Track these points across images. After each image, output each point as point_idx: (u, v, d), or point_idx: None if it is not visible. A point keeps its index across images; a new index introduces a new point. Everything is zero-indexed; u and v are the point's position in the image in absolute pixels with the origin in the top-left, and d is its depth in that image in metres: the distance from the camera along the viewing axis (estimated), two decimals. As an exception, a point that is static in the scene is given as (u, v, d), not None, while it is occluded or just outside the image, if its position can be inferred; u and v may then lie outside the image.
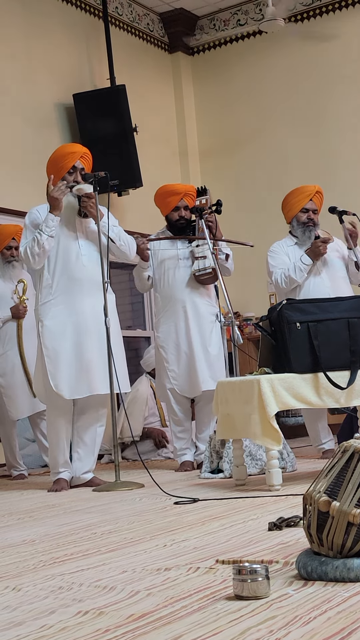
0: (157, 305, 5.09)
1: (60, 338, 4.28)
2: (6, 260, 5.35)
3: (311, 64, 7.74)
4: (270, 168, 7.89)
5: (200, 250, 4.86)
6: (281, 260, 4.93)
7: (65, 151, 4.45)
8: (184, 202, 5.02)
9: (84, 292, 4.32)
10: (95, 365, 4.26)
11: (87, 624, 1.57)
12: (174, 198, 5.01)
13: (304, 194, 4.96)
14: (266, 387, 3.54)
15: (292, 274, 4.82)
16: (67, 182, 4.35)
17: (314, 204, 4.95)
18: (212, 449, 4.43)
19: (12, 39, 6.62)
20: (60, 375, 4.24)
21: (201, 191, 5.12)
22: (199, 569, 1.99)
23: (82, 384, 4.26)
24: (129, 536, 2.59)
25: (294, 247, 4.96)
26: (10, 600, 1.84)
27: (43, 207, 4.41)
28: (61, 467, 4.33)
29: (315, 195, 4.97)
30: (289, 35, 7.74)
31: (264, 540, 2.32)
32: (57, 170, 4.38)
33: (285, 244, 5.01)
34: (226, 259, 5.03)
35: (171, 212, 5.04)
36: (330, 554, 1.75)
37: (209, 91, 8.35)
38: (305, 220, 4.92)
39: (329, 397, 3.68)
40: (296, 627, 1.42)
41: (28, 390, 5.20)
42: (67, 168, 4.37)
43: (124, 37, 7.79)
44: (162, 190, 5.10)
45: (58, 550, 2.45)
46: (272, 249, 5.01)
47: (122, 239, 4.44)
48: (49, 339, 4.28)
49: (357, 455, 1.78)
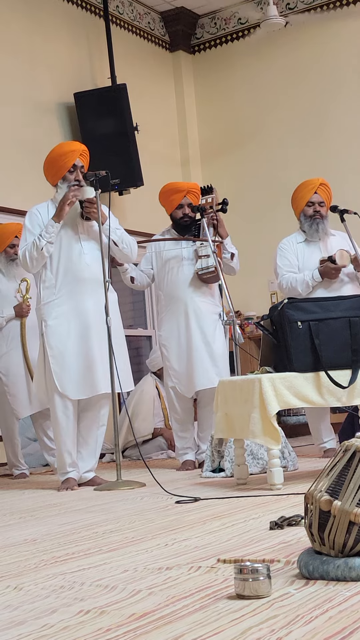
0: (159, 303, 5.08)
1: (65, 338, 4.27)
2: (10, 258, 5.34)
3: (311, 62, 7.73)
4: (271, 165, 7.89)
5: (203, 250, 4.86)
6: (288, 261, 4.91)
7: (64, 150, 4.44)
8: (187, 200, 5.01)
9: (87, 291, 4.32)
10: (100, 364, 4.26)
11: (88, 623, 1.57)
12: (177, 196, 5.01)
13: (307, 188, 4.95)
14: (267, 386, 3.54)
15: (298, 286, 4.80)
16: (69, 181, 4.34)
17: (319, 196, 4.92)
18: (214, 448, 4.42)
19: (14, 38, 6.62)
20: (66, 375, 4.24)
21: (207, 190, 5.09)
22: (200, 568, 1.99)
23: (87, 383, 4.26)
24: (130, 535, 2.59)
25: (303, 244, 4.94)
26: (12, 599, 1.84)
27: (43, 206, 4.40)
28: (69, 467, 4.32)
29: (320, 187, 4.95)
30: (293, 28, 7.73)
31: (266, 539, 2.32)
32: (57, 169, 4.37)
33: (295, 240, 4.98)
34: (231, 258, 5.02)
35: (175, 210, 5.03)
36: (332, 553, 1.75)
37: (210, 89, 8.35)
38: (311, 213, 4.90)
39: (330, 396, 3.68)
40: (298, 627, 1.42)
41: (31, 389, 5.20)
42: (67, 167, 4.36)
43: (125, 36, 7.79)
44: (165, 189, 5.10)
45: (59, 549, 2.45)
46: (281, 247, 4.99)
47: (125, 242, 4.44)
48: (54, 339, 4.27)
49: (358, 454, 1.78)
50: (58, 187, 4.39)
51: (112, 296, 4.38)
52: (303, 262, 4.90)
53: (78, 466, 4.36)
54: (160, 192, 5.13)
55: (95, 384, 4.25)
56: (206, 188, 5.11)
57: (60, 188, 4.37)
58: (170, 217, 5.11)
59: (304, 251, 4.91)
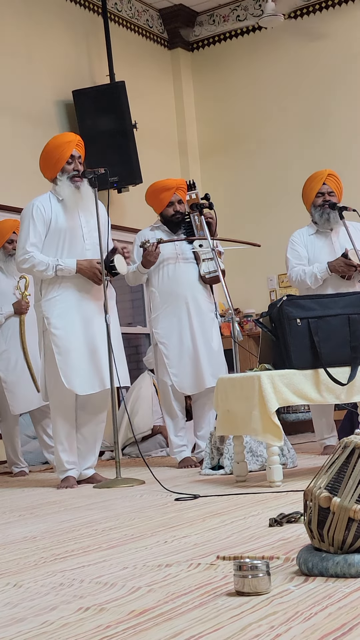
0: (154, 301, 5.03)
1: (69, 334, 4.25)
2: (8, 254, 5.33)
3: (311, 60, 7.73)
4: (270, 162, 7.89)
5: (206, 252, 4.85)
6: (298, 253, 4.92)
7: (59, 141, 4.41)
8: (177, 197, 4.99)
9: (89, 288, 4.31)
10: (104, 360, 4.25)
11: (88, 620, 1.57)
12: (166, 194, 4.99)
13: (316, 179, 4.95)
14: (267, 384, 3.54)
15: (307, 279, 4.80)
16: (68, 172, 4.33)
17: (328, 186, 4.91)
18: (213, 445, 4.43)
19: (12, 36, 6.61)
20: (72, 371, 4.22)
21: (190, 185, 5.08)
22: (199, 565, 1.99)
23: (94, 379, 4.25)
24: (130, 533, 2.59)
25: (313, 237, 4.94)
26: (12, 596, 1.84)
27: (45, 199, 4.37)
28: (68, 465, 4.32)
29: (328, 177, 4.94)
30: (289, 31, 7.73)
31: (265, 536, 2.32)
32: (55, 161, 4.35)
33: (306, 233, 4.98)
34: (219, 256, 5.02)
35: (166, 208, 5.00)
36: (331, 549, 1.75)
37: (209, 87, 8.34)
38: (320, 203, 4.89)
39: (329, 393, 3.68)
40: (297, 623, 1.42)
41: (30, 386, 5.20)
42: (65, 158, 4.34)
43: (123, 34, 7.78)
44: (152, 188, 5.07)
45: (59, 546, 2.45)
46: (292, 239, 4.99)
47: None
48: (59, 336, 4.24)
49: (357, 451, 1.78)
50: (58, 180, 4.37)
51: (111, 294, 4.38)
52: (314, 254, 4.89)
53: (77, 464, 4.36)
54: (148, 192, 5.09)
55: (101, 380, 4.25)
56: (189, 184, 5.08)
57: (60, 180, 4.35)
58: (161, 215, 5.08)
59: (315, 243, 4.91)
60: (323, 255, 4.85)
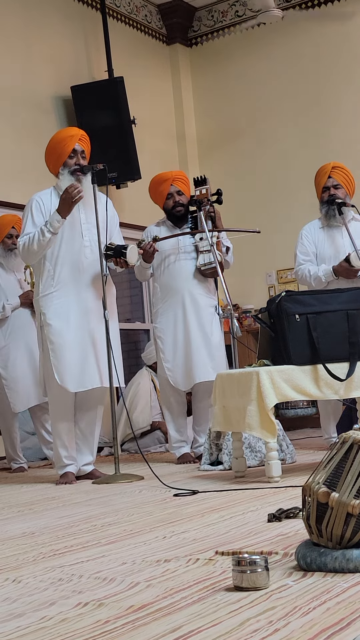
0: (155, 295, 5.04)
1: (64, 331, 4.24)
2: (8, 248, 5.33)
3: (309, 55, 7.72)
4: (269, 158, 7.88)
5: (205, 244, 4.84)
6: (306, 249, 4.93)
7: (62, 135, 4.41)
8: (175, 188, 4.97)
9: (87, 283, 4.31)
10: (99, 358, 4.25)
11: (87, 615, 1.57)
12: (164, 186, 4.98)
13: (321, 174, 4.94)
14: (265, 379, 3.54)
15: (312, 282, 4.82)
16: (70, 167, 4.32)
17: (333, 179, 4.88)
18: (212, 441, 4.43)
19: (10, 31, 6.59)
20: (65, 368, 4.22)
21: (200, 181, 4.99)
22: (198, 561, 1.99)
23: (87, 376, 4.25)
24: (129, 528, 2.60)
25: (322, 230, 4.93)
26: (10, 592, 1.84)
27: (46, 194, 4.36)
28: (67, 460, 4.32)
29: (333, 170, 4.91)
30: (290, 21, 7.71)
31: (264, 531, 2.32)
32: (58, 156, 4.34)
33: (317, 225, 4.98)
34: (226, 251, 5.01)
35: (165, 201, 4.99)
36: (330, 545, 1.76)
37: (207, 82, 8.33)
38: (326, 198, 4.87)
39: (328, 389, 3.68)
40: (295, 618, 1.43)
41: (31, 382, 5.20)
42: (67, 152, 4.33)
43: (122, 29, 7.77)
44: (151, 183, 5.07)
45: (58, 542, 2.46)
46: (302, 233, 5.00)
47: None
48: (53, 332, 4.24)
49: (356, 446, 1.79)
50: (60, 174, 4.36)
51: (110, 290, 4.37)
52: (323, 249, 4.89)
53: (76, 460, 4.36)
54: (149, 188, 5.08)
55: (94, 377, 4.25)
56: (200, 179, 5.00)
57: (62, 175, 4.34)
58: (164, 210, 5.08)
59: (324, 237, 4.90)
60: (333, 249, 4.86)
